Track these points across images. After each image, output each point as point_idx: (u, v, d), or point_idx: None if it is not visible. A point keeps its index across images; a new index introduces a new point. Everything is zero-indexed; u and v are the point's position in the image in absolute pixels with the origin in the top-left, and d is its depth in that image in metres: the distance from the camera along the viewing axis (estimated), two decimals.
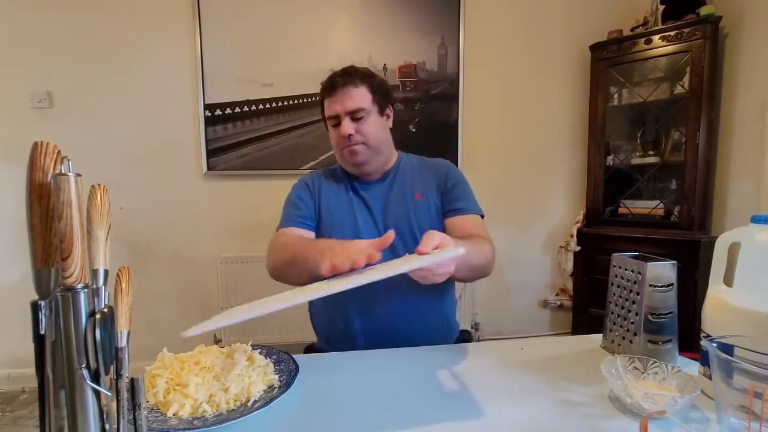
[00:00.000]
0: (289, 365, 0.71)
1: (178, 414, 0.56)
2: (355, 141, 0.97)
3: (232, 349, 0.71)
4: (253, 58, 2.10)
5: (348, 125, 0.95)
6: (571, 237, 2.32)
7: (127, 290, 0.45)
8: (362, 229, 1.00)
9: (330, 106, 0.98)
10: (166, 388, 0.59)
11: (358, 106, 0.96)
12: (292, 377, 0.66)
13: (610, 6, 2.33)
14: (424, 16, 2.20)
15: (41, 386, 0.39)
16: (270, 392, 0.62)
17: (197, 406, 0.57)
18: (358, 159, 0.99)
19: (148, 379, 0.61)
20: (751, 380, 0.45)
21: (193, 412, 0.57)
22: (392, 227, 0.99)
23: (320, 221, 1.03)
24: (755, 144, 1.87)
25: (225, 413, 0.57)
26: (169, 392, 0.59)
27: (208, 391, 0.59)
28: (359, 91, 0.97)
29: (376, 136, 0.99)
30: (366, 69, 1.02)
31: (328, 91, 0.98)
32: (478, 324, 2.37)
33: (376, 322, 0.95)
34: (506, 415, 0.57)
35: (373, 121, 0.99)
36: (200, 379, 0.60)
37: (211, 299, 2.13)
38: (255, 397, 0.60)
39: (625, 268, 0.78)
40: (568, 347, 0.84)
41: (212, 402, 0.58)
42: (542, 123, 2.38)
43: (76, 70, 2.01)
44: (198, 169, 2.13)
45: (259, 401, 0.59)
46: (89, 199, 0.42)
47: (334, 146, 1.02)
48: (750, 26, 1.91)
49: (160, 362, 0.64)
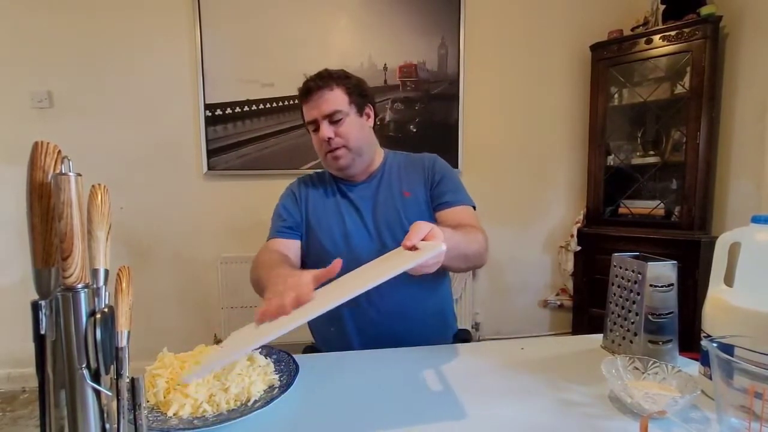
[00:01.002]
0: (290, 365, 0.71)
1: (178, 414, 0.56)
2: (336, 144, 0.97)
3: None
4: (253, 58, 2.10)
5: (326, 128, 0.95)
6: (572, 237, 2.32)
7: (128, 290, 0.45)
8: (352, 232, 0.99)
9: (307, 111, 0.98)
10: (166, 387, 0.59)
11: (333, 109, 0.95)
12: (292, 377, 0.66)
13: (611, 6, 2.33)
14: (424, 16, 2.20)
15: (41, 386, 0.39)
16: (270, 392, 0.62)
17: (197, 405, 0.57)
18: (341, 163, 0.99)
19: (149, 379, 0.61)
20: (752, 380, 0.45)
21: (193, 411, 0.57)
22: (382, 227, 0.99)
23: (309, 227, 1.03)
24: (755, 144, 1.87)
25: (225, 413, 0.57)
26: (170, 392, 0.59)
27: (208, 391, 0.59)
28: (334, 94, 0.96)
29: (356, 137, 0.98)
30: (341, 71, 1.01)
31: (304, 96, 0.98)
32: (478, 324, 2.37)
33: (370, 323, 0.95)
34: (506, 415, 0.57)
35: (352, 122, 0.98)
36: (200, 379, 0.60)
37: (211, 299, 2.13)
38: (255, 397, 0.60)
39: (626, 268, 0.78)
40: (568, 347, 0.84)
41: (212, 402, 0.58)
42: (542, 123, 2.38)
43: (76, 70, 2.01)
44: (198, 169, 2.13)
45: (260, 401, 0.59)
46: (89, 199, 0.42)
47: (318, 151, 1.02)
48: (750, 26, 1.91)
49: (160, 362, 0.64)
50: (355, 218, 1.01)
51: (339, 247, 0.98)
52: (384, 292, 0.92)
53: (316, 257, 1.01)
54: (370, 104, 1.04)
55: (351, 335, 0.96)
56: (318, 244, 1.00)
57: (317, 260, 1.00)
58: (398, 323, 0.96)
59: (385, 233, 0.99)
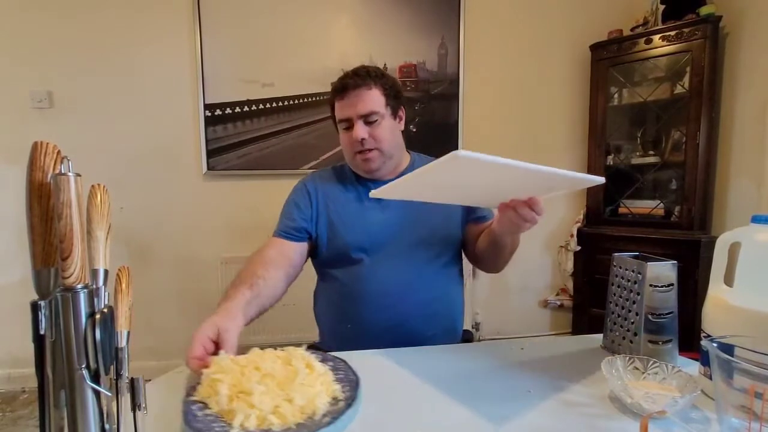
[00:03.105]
0: (348, 374, 0.67)
1: (244, 425, 0.52)
2: (369, 146, 0.94)
3: (289, 353, 0.67)
4: (253, 58, 2.10)
5: (361, 129, 0.93)
6: (572, 237, 2.32)
7: (127, 290, 0.45)
8: (374, 228, 0.98)
9: (341, 109, 0.95)
10: (229, 395, 0.55)
11: (370, 110, 0.93)
12: (354, 389, 0.62)
13: (610, 6, 2.33)
14: (424, 16, 2.20)
15: (41, 386, 0.39)
16: (335, 404, 0.58)
17: (263, 417, 0.53)
18: (371, 166, 0.97)
19: (208, 384, 0.58)
20: (752, 380, 0.45)
21: (259, 423, 0.53)
22: (406, 226, 0.98)
23: (330, 223, 1.00)
24: (755, 144, 1.87)
25: (294, 427, 0.53)
26: (233, 400, 0.55)
27: (272, 402, 0.55)
28: (372, 94, 0.94)
29: (389, 141, 0.97)
30: (377, 68, 0.98)
31: (339, 93, 0.95)
32: (478, 324, 2.37)
33: (387, 323, 0.94)
34: (506, 415, 0.57)
35: (386, 124, 0.96)
36: (263, 388, 0.56)
37: (211, 299, 2.10)
38: (321, 410, 0.56)
39: (626, 268, 0.78)
40: (568, 347, 0.83)
41: (278, 413, 0.54)
42: (542, 123, 2.38)
43: (76, 70, 2.01)
44: (198, 169, 2.13)
45: (327, 415, 0.55)
46: (89, 199, 0.42)
47: (346, 150, 0.99)
48: (750, 26, 1.91)
49: (217, 365, 0.61)
50: (379, 214, 0.99)
51: (361, 242, 0.97)
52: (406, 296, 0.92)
53: (335, 251, 0.99)
54: (402, 106, 1.02)
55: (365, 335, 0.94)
56: (339, 240, 0.99)
57: (337, 255, 0.99)
58: (415, 327, 0.95)
59: (409, 232, 0.98)
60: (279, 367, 0.62)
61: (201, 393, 0.58)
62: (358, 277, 0.96)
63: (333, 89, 0.97)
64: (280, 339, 2.02)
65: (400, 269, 0.96)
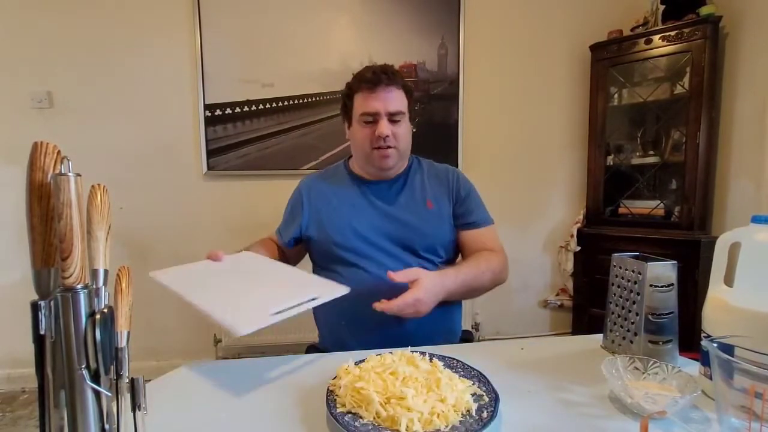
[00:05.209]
0: (469, 372, 0.67)
1: (410, 429, 0.51)
2: (390, 143, 0.96)
3: (398, 355, 0.67)
4: (253, 58, 2.10)
5: (386, 126, 0.94)
6: (572, 237, 2.32)
7: (127, 290, 0.45)
8: (367, 231, 0.99)
9: (369, 102, 0.95)
10: (380, 401, 0.55)
11: (399, 109, 0.96)
12: (486, 383, 0.62)
13: (610, 6, 2.32)
14: (424, 16, 2.20)
15: (41, 386, 0.39)
16: (479, 400, 0.58)
17: (428, 420, 0.53)
18: (388, 163, 0.99)
19: (353, 394, 0.57)
20: (752, 380, 0.45)
21: (425, 426, 0.52)
22: (399, 230, 0.99)
23: (317, 226, 1.03)
24: (755, 144, 1.87)
25: (458, 425, 0.53)
26: (385, 406, 0.54)
27: (426, 403, 0.54)
28: (400, 94, 0.96)
29: (406, 141, 1.00)
30: (399, 70, 1.01)
31: (369, 86, 0.95)
32: (478, 324, 2.37)
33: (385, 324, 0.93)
34: (506, 415, 0.57)
35: (406, 125, 1.00)
36: (413, 391, 0.56)
37: None
38: (473, 407, 0.56)
39: (626, 268, 0.78)
40: (568, 347, 0.83)
41: (440, 414, 0.54)
42: (542, 123, 2.38)
43: (76, 70, 2.01)
44: (198, 169, 2.13)
45: (481, 410, 0.56)
46: (89, 199, 0.42)
47: (362, 144, 0.99)
48: (750, 26, 1.91)
49: (349, 373, 0.61)
50: (370, 214, 1.01)
51: (350, 243, 0.98)
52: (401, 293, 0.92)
53: (324, 251, 1.01)
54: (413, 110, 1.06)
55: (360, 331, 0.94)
56: (327, 241, 1.00)
57: (328, 255, 1.01)
58: (413, 330, 0.95)
59: (402, 232, 0.99)
60: (412, 369, 0.62)
61: (346, 403, 0.57)
62: (353, 277, 0.96)
63: (361, 80, 0.97)
64: (280, 339, 2.02)
65: (397, 269, 0.96)
